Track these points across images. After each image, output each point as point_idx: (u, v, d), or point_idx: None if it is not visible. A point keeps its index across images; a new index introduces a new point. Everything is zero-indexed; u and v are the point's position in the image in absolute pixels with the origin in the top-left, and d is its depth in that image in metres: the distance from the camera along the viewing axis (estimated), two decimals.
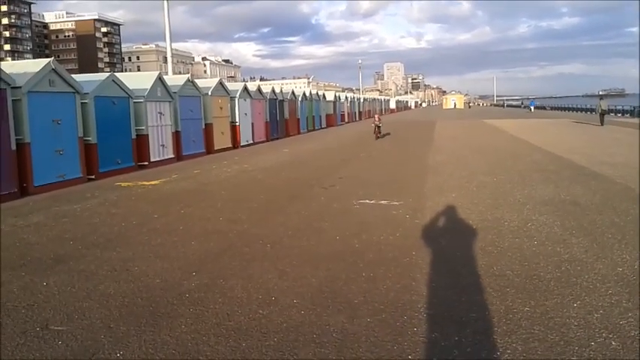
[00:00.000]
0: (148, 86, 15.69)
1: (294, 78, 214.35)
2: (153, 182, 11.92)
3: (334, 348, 3.58)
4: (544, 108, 78.61)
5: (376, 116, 25.48)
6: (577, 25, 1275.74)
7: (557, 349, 3.51)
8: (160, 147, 16.32)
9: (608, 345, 3.54)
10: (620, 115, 48.58)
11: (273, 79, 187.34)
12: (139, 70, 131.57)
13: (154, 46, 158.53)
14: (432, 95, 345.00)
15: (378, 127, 24.12)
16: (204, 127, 19.14)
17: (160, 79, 16.45)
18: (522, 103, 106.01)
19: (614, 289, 4.56)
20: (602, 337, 3.66)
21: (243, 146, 21.97)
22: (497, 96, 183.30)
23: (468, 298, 4.44)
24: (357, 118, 53.39)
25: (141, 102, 15.29)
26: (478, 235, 6.49)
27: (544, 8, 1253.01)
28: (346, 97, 50.03)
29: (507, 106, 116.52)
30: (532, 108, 74.54)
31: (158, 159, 16.02)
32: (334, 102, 42.48)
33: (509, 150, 17.57)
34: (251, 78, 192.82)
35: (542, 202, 8.46)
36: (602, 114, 32.60)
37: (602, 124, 31.07)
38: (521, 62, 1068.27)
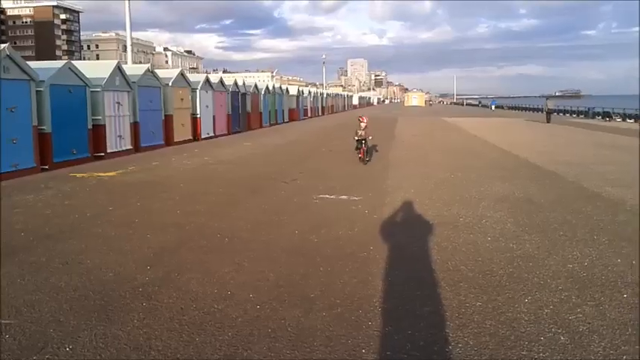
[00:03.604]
0: (106, 75, 15.30)
1: (257, 71, 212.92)
2: (109, 173, 11.66)
3: (289, 342, 3.58)
4: (502, 107, 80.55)
5: (362, 119, 13.60)
6: (535, 27, 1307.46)
7: (508, 343, 3.59)
8: (118, 138, 15.96)
9: (557, 340, 3.64)
10: (575, 115, 50.21)
11: (237, 72, 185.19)
12: (98, 58, 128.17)
13: (113, 34, 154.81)
14: (394, 92, 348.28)
15: (363, 141, 13.28)
16: (163, 118, 18.80)
17: (118, 69, 16.05)
18: (480, 102, 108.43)
19: (564, 285, 4.70)
20: (552, 332, 3.77)
21: (204, 139, 21.70)
22: (457, 95, 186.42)
23: (423, 293, 4.51)
24: (320, 113, 53.46)
25: (98, 91, 14.91)
26: (434, 231, 6.60)
27: (503, 9, 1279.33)
28: (309, 92, 50.01)
29: (467, 104, 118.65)
30: (493, 107, 76.37)
31: (115, 150, 15.66)
32: (297, 96, 42.40)
33: (467, 148, 17.91)
34: (214, 70, 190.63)
35: (498, 199, 8.65)
36: (549, 113, 37.15)
37: (548, 122, 35.10)
38: (480, 62, 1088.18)
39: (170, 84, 19.17)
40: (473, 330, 3.78)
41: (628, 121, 39.50)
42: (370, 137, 13.56)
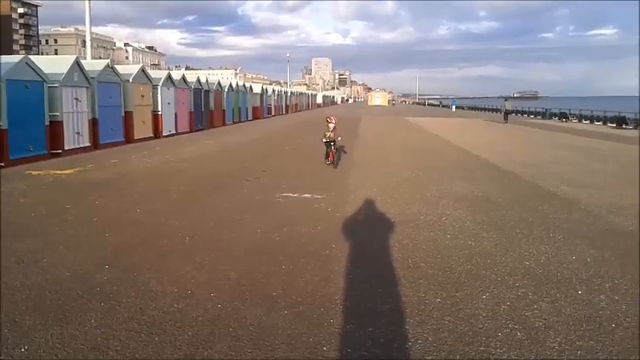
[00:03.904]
0: (65, 71, 14.92)
1: (221, 68, 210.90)
2: (66, 171, 11.37)
3: (250, 341, 3.57)
4: (462, 108, 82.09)
5: (330, 119, 12.52)
6: (495, 29, 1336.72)
7: (466, 339, 3.66)
8: (76, 135, 15.57)
9: (514, 336, 3.72)
10: (532, 116, 51.57)
11: (200, 69, 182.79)
12: (56, 53, 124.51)
13: (73, 29, 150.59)
14: (357, 92, 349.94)
15: (332, 143, 12.46)
16: (123, 115, 18.41)
17: (77, 64, 15.66)
18: (441, 103, 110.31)
19: (521, 282, 4.81)
20: (509, 328, 3.85)
21: (165, 136, 21.37)
22: (419, 95, 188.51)
23: (384, 290, 4.55)
24: (285, 112, 53.34)
25: (56, 87, 14.53)
26: (396, 229, 6.67)
27: (463, 11, 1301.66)
28: (273, 90, 49.82)
29: (428, 104, 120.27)
30: (453, 107, 77.83)
31: (73, 147, 15.28)
32: (261, 94, 42.18)
33: (429, 148, 18.17)
34: (176, 67, 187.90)
35: (457, 198, 8.80)
36: (506, 113, 38.99)
37: (505, 121, 36.71)
38: (441, 63, 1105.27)
39: (130, 80, 18.80)
40: (432, 326, 3.84)
41: (584, 122, 40.77)
42: (339, 138, 12.86)
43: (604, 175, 11.78)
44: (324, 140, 12.47)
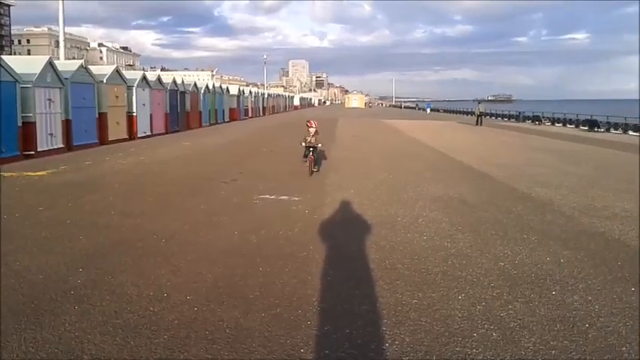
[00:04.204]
0: (37, 71, 14.70)
1: (197, 70, 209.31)
2: (39, 173, 11.17)
3: (227, 344, 3.54)
4: (438, 110, 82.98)
5: (310, 123, 11.87)
6: (470, 33, 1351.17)
7: (442, 340, 3.69)
8: (49, 136, 15.33)
9: (489, 336, 3.76)
10: (506, 119, 52.33)
11: (175, 70, 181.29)
12: (29, 53, 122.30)
13: (46, 29, 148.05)
14: (334, 94, 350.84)
15: (312, 149, 11.60)
16: (97, 116, 18.17)
17: (50, 64, 15.42)
18: (417, 105, 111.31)
19: (495, 283, 4.87)
20: (484, 328, 3.89)
21: (140, 138, 21.13)
22: (395, 97, 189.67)
23: (361, 291, 4.56)
24: (261, 114, 53.20)
25: (29, 87, 14.29)
26: (373, 230, 6.70)
27: (439, 15, 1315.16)
28: (250, 92, 49.69)
29: (405, 107, 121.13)
30: (428, 110, 78.71)
31: (46, 148, 15.05)
32: (238, 96, 42.01)
33: (405, 150, 18.29)
34: (151, 67, 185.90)
35: (433, 199, 8.88)
36: (480, 116, 39.34)
37: (479, 124, 37.27)
38: (417, 66, 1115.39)
39: (104, 81, 18.56)
40: (409, 327, 3.86)
41: (557, 125, 41.48)
42: (320, 145, 11.83)
43: (577, 177, 12.00)
44: (304, 144, 11.60)
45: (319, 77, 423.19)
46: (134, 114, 21.03)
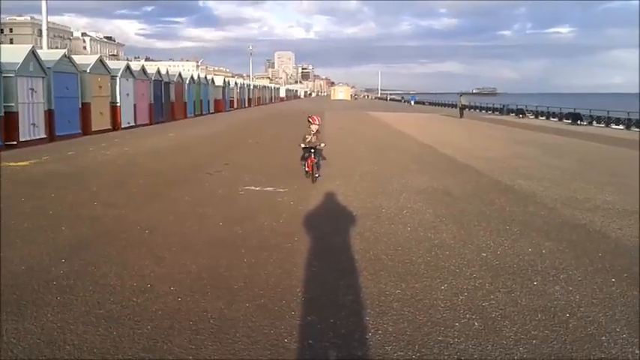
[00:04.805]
0: (20, 60, 14.52)
1: (182, 60, 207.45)
2: (21, 163, 11.04)
3: (210, 334, 3.54)
4: (423, 103, 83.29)
5: (312, 119, 9.88)
6: (455, 26, 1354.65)
7: (425, 329, 3.72)
8: (31, 126, 15.14)
9: (471, 325, 3.80)
10: (490, 112, 52.66)
11: (160, 60, 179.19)
12: (11, 43, 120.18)
13: (29, 18, 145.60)
14: (320, 86, 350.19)
15: (312, 150, 9.58)
16: (80, 106, 17.98)
17: (33, 53, 15.23)
18: (403, 98, 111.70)
19: (478, 273, 4.91)
20: (466, 318, 3.93)
21: (124, 128, 20.95)
22: (381, 90, 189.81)
23: (345, 282, 4.58)
24: (247, 105, 52.98)
25: (11, 77, 14.13)
26: (358, 222, 6.72)
27: (425, 8, 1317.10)
28: (236, 83, 49.41)
29: (390, 99, 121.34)
30: (412, 102, 79.11)
31: (28, 139, 14.88)
32: (223, 87, 41.77)
33: (390, 142, 18.34)
34: (135, 57, 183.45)
35: (418, 191, 8.92)
36: (462, 108, 39.33)
37: (461, 117, 37.41)
38: (403, 59, 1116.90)
39: (88, 70, 18.37)
40: (392, 317, 3.89)
41: (540, 118, 41.81)
42: (322, 145, 9.93)
43: (559, 169, 12.12)
44: (303, 145, 9.67)
45: (305, 69, 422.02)
46: (118, 104, 20.83)
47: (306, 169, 9.75)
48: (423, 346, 3.46)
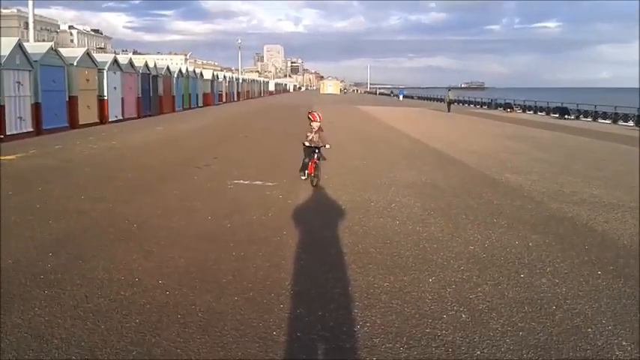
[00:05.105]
0: (6, 53, 14.32)
1: (170, 54, 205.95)
2: (8, 157, 10.92)
3: (199, 327, 3.54)
4: (412, 97, 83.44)
5: (313, 116, 9.09)
6: (444, 21, 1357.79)
7: (413, 321, 3.74)
8: (18, 119, 14.98)
9: (459, 318, 3.83)
10: (479, 106, 52.88)
11: (148, 54, 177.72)
12: None
13: (15, 10, 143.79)
14: (310, 80, 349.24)
15: (315, 150, 8.88)
16: (67, 99, 17.81)
17: (19, 46, 15.04)
18: (392, 92, 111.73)
19: (465, 266, 4.95)
20: (454, 310, 3.96)
21: (112, 122, 20.76)
22: (370, 84, 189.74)
23: (334, 275, 4.60)
24: (236, 99, 52.73)
25: None
26: (346, 215, 6.73)
27: (414, 3, 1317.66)
28: (224, 77, 49.15)
29: (379, 94, 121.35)
30: (401, 97, 79.25)
31: (15, 132, 14.71)
32: (212, 81, 41.54)
33: (379, 136, 18.37)
34: (123, 51, 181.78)
35: (406, 185, 8.96)
36: (450, 103, 40.16)
37: (449, 111, 37.93)
38: (392, 53, 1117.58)
39: (75, 64, 18.18)
40: (380, 309, 3.91)
41: (528, 112, 42.06)
42: (327, 146, 9.08)
43: (547, 163, 12.22)
44: (306, 144, 8.93)
45: (294, 63, 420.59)
46: (105, 98, 20.64)
47: (307, 171, 8.90)
48: (411, 338, 3.49)
